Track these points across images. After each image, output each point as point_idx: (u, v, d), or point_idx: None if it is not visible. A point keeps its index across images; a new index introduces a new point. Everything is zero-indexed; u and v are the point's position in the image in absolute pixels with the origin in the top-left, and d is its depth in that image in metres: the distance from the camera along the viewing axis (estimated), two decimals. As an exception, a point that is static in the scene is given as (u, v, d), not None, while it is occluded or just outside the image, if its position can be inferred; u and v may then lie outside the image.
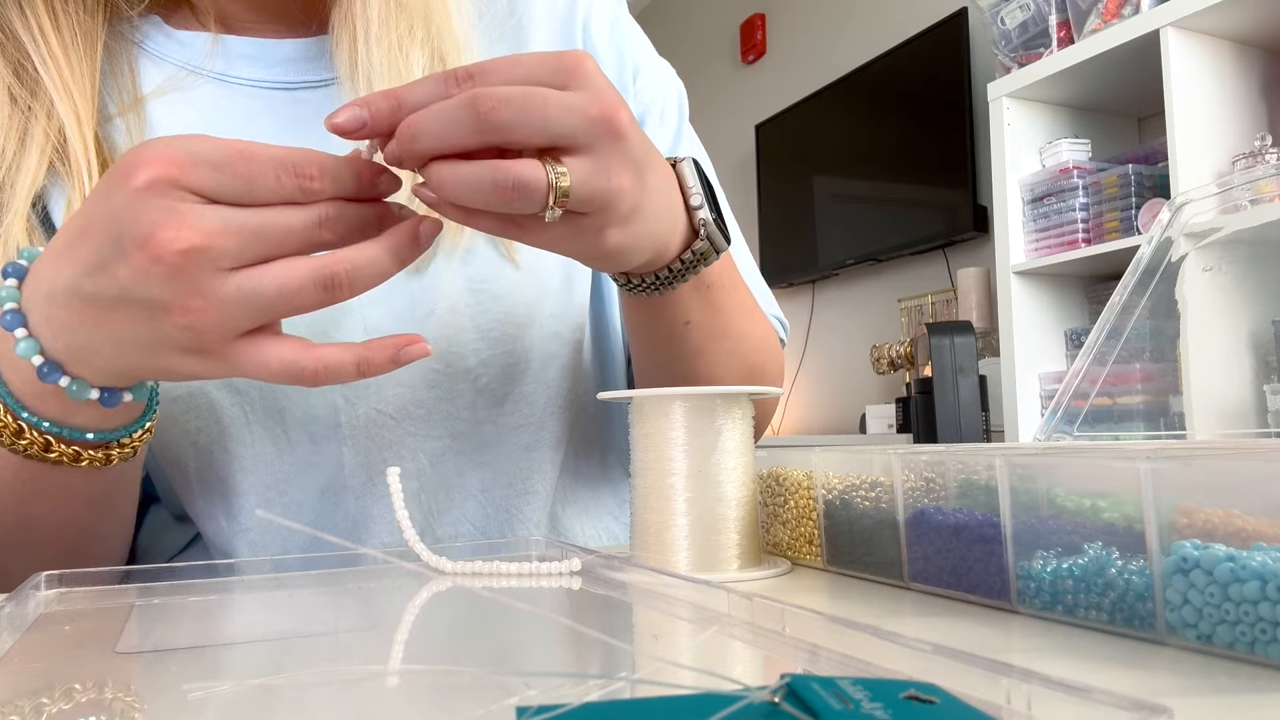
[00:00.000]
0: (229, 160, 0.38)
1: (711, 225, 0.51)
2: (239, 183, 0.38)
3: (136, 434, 0.47)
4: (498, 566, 0.43)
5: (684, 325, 0.57)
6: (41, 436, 0.44)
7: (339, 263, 0.40)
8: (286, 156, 0.39)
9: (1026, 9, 2.24)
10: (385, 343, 0.42)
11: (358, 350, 0.42)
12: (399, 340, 0.42)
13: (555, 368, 0.64)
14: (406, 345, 0.42)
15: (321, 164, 0.40)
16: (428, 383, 0.60)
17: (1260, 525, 0.29)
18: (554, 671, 0.29)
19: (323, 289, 0.40)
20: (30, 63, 0.55)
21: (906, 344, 2.57)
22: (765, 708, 0.20)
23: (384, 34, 0.58)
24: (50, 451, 0.44)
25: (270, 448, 0.59)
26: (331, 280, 0.40)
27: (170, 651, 0.33)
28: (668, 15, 4.35)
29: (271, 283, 0.39)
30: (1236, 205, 0.59)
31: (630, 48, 0.71)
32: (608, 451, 0.72)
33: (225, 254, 0.38)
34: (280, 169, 0.39)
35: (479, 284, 0.61)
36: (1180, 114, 1.90)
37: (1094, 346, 0.59)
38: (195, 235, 0.37)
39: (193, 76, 0.60)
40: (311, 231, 0.40)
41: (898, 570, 0.41)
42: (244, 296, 0.39)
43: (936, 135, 2.82)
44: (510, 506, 0.64)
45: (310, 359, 0.41)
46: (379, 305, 0.59)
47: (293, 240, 0.40)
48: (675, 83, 0.75)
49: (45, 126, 0.55)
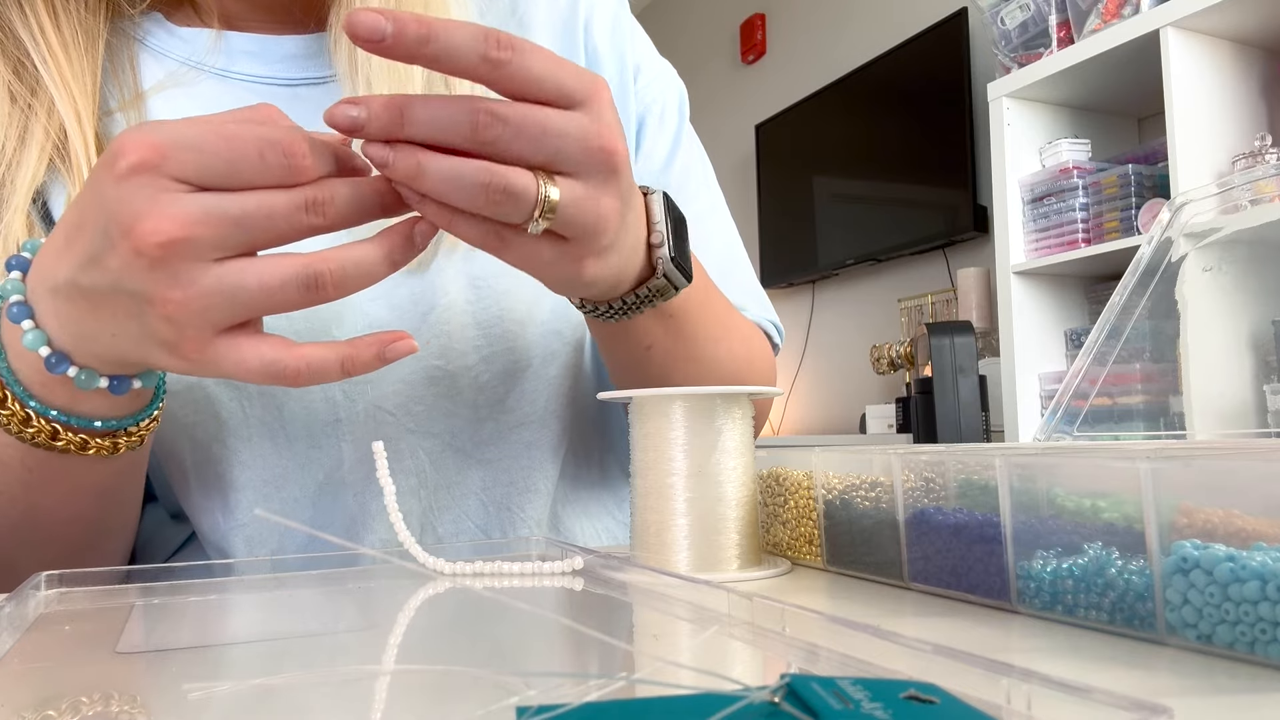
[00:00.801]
0: (210, 142, 0.36)
1: (668, 263, 0.50)
2: (222, 165, 0.37)
3: (144, 422, 0.47)
4: (499, 567, 0.43)
5: (645, 349, 0.57)
6: (49, 425, 0.44)
7: (325, 262, 0.39)
8: (273, 135, 0.37)
9: (1026, 9, 2.24)
10: (370, 340, 0.41)
11: (341, 349, 0.40)
12: (384, 337, 0.41)
13: (556, 366, 0.64)
14: (392, 342, 0.41)
15: (311, 140, 0.38)
16: (429, 379, 0.60)
17: (1260, 525, 0.29)
18: (554, 671, 0.29)
19: (305, 288, 0.39)
20: (30, 61, 0.55)
21: (906, 344, 2.57)
22: (765, 708, 0.20)
23: None
24: (58, 440, 0.44)
25: (269, 443, 0.59)
26: (315, 280, 0.39)
27: (170, 651, 0.33)
28: (668, 15, 4.35)
29: (254, 278, 0.38)
30: (1236, 205, 0.59)
31: (631, 48, 0.71)
32: (606, 452, 0.72)
33: (206, 244, 0.37)
34: (266, 148, 0.37)
35: (480, 280, 0.61)
36: (1180, 114, 1.90)
37: (1094, 346, 0.59)
38: (174, 226, 0.36)
39: (194, 72, 0.60)
40: (297, 216, 0.38)
41: (898, 570, 0.41)
42: (224, 290, 0.37)
43: (936, 135, 2.82)
44: (511, 505, 0.64)
45: (293, 358, 0.40)
46: (380, 300, 0.59)
47: (276, 226, 0.38)
48: (676, 83, 0.75)
49: (45, 123, 0.55)
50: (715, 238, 0.72)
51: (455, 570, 0.43)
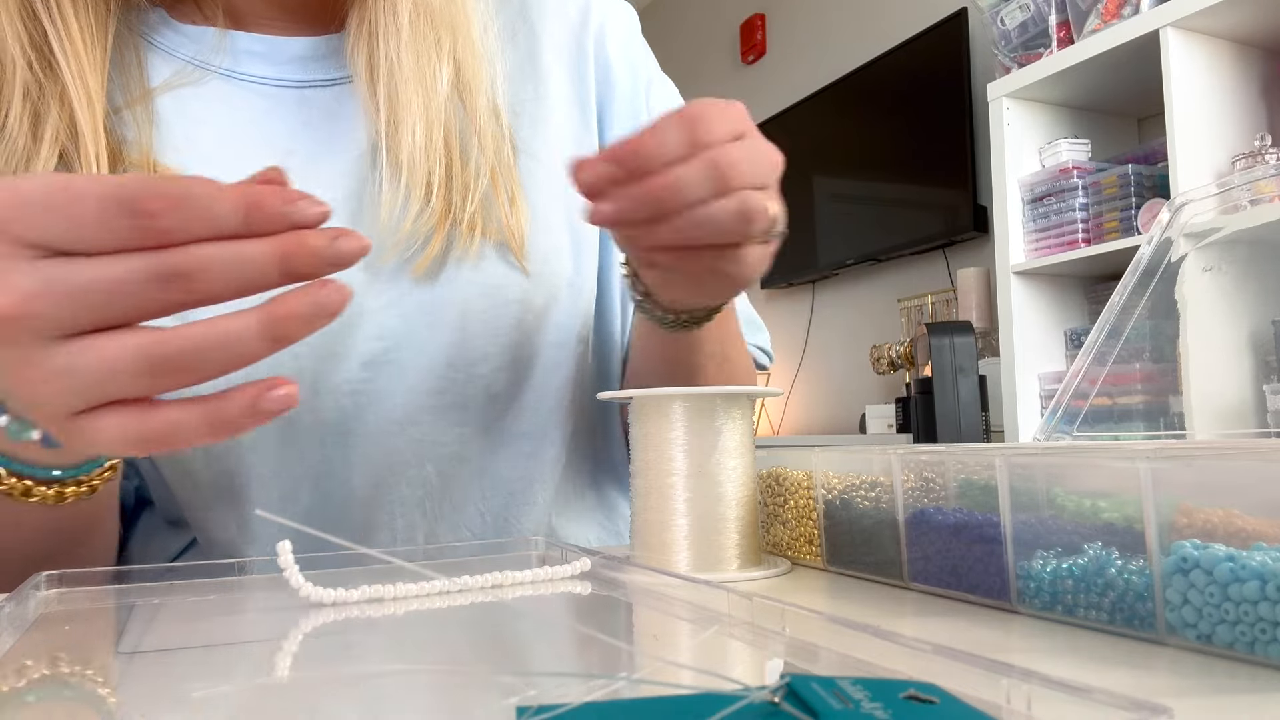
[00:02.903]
0: (53, 200, 0.31)
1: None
2: (67, 227, 0.31)
3: (95, 472, 0.44)
4: (509, 576, 0.42)
5: (705, 355, 0.61)
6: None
7: (174, 341, 0.32)
8: (120, 191, 0.31)
9: (1026, 9, 2.24)
10: (240, 392, 0.34)
11: (207, 406, 0.34)
12: (258, 387, 0.33)
13: (560, 376, 0.64)
14: (267, 391, 0.33)
15: (177, 196, 0.31)
16: (438, 389, 0.60)
17: (1260, 525, 0.29)
18: (554, 671, 0.29)
19: (151, 373, 0.32)
20: (48, 45, 0.54)
21: (906, 344, 2.57)
22: (765, 708, 0.20)
23: (414, 41, 0.58)
24: (0, 484, 0.42)
25: (282, 456, 0.59)
26: (162, 364, 0.32)
27: (170, 651, 0.33)
28: (668, 15, 4.35)
29: (94, 358, 0.32)
30: (1236, 205, 0.59)
31: (643, 63, 0.73)
32: (597, 462, 0.72)
33: (46, 320, 0.31)
34: (107, 207, 0.31)
35: (490, 290, 0.60)
36: (1180, 114, 1.90)
37: (1094, 346, 0.59)
38: (10, 301, 0.31)
39: (199, 72, 0.60)
40: (146, 288, 0.31)
41: (898, 570, 0.41)
42: (69, 372, 0.32)
43: (936, 135, 2.82)
44: (510, 515, 0.64)
45: (155, 422, 0.34)
46: (390, 309, 0.58)
47: (126, 301, 0.32)
48: (679, 102, 0.76)
49: (57, 115, 0.54)
50: None
51: (466, 585, 0.42)
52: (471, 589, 0.41)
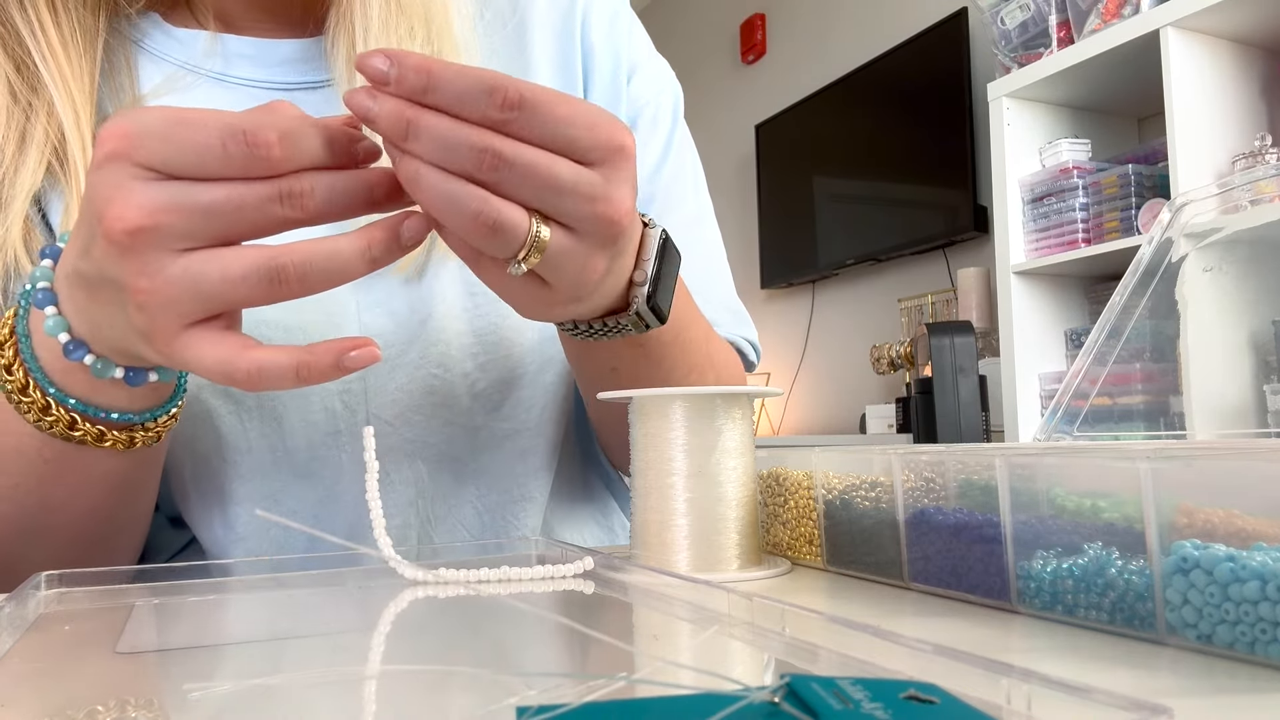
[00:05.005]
0: (176, 131, 0.35)
1: (643, 304, 0.48)
2: (187, 154, 0.35)
3: (161, 419, 0.47)
4: (507, 572, 0.42)
5: (610, 370, 0.56)
6: (67, 414, 0.44)
7: (289, 255, 0.37)
8: (237, 122, 0.35)
9: (1026, 9, 2.24)
10: (329, 346, 0.38)
11: (298, 354, 0.38)
12: (344, 344, 0.38)
13: (551, 374, 0.64)
14: (353, 350, 0.38)
15: (285, 130, 0.36)
16: (427, 388, 0.60)
17: (1260, 525, 0.29)
18: (554, 671, 0.29)
19: (268, 282, 0.37)
20: (31, 59, 0.55)
21: (906, 344, 2.57)
22: (765, 708, 0.20)
23: (384, 35, 0.58)
24: (75, 430, 0.44)
25: (268, 456, 0.59)
26: (278, 274, 0.37)
27: (170, 651, 0.33)
28: (668, 15, 4.35)
29: (216, 269, 0.36)
30: (1236, 205, 0.59)
31: (628, 46, 0.71)
32: (593, 463, 0.72)
33: (172, 233, 0.36)
34: (228, 137, 0.35)
35: (477, 287, 0.60)
36: (1180, 114, 1.90)
37: (1094, 346, 0.59)
38: (139, 214, 0.35)
39: (191, 76, 0.60)
40: (269, 207, 0.36)
41: (898, 570, 0.41)
42: (189, 281, 0.36)
43: (936, 135, 2.82)
44: (506, 513, 0.64)
45: (245, 360, 0.38)
46: (377, 309, 0.59)
47: (246, 218, 0.36)
48: (672, 85, 0.74)
49: (45, 125, 0.54)
50: (697, 248, 0.69)
51: (463, 578, 0.43)
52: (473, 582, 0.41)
